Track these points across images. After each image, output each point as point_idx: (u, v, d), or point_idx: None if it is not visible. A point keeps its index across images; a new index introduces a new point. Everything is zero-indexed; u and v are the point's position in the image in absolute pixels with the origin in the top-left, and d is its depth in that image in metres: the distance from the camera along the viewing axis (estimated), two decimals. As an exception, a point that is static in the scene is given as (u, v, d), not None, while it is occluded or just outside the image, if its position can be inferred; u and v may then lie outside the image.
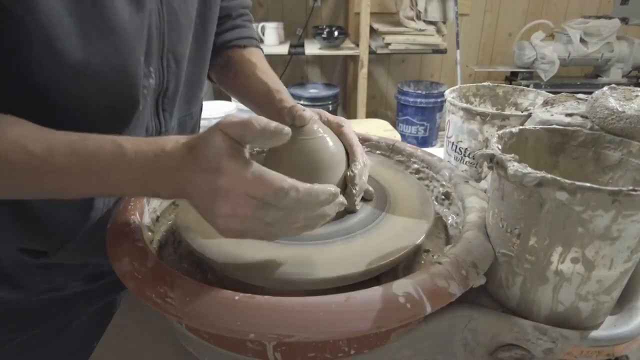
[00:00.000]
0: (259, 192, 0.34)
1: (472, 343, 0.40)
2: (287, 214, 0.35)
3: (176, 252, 0.47)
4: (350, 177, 0.47)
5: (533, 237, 0.35)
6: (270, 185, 0.34)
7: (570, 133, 0.43)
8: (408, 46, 2.39)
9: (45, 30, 0.37)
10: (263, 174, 0.34)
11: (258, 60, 0.68)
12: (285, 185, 0.34)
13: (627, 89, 0.43)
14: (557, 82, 2.49)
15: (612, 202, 0.31)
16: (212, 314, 0.32)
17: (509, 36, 2.84)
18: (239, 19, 0.71)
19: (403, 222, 0.46)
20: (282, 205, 0.34)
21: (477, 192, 0.49)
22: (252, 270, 0.39)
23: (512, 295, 0.39)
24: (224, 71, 0.70)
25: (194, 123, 0.66)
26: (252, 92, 0.66)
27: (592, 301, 0.36)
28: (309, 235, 0.43)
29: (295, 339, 0.31)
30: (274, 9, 2.63)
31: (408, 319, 0.33)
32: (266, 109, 0.64)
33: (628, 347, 0.37)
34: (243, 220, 0.35)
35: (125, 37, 0.42)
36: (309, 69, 2.85)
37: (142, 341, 0.46)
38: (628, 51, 2.41)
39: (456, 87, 0.65)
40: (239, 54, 0.69)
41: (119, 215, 0.44)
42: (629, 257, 0.34)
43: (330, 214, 0.38)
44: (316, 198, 0.35)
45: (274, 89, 0.63)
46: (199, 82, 0.62)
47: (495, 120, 0.54)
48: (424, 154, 0.61)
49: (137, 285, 0.35)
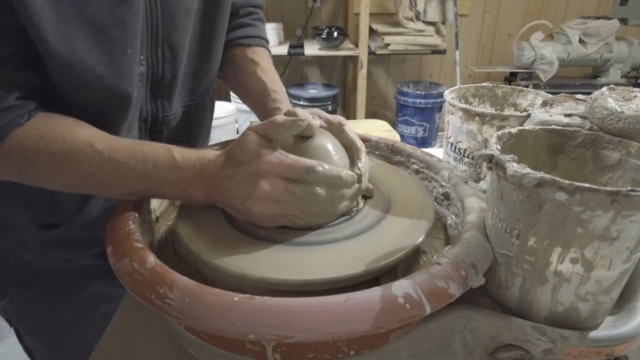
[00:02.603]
0: (292, 172, 0.41)
1: (471, 343, 0.40)
2: (312, 187, 0.41)
3: (175, 253, 0.47)
4: (358, 175, 0.47)
5: (532, 237, 0.35)
6: (301, 165, 0.41)
7: (569, 133, 0.43)
8: (407, 47, 2.39)
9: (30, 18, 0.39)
10: (295, 158, 0.42)
11: (261, 60, 0.68)
12: (313, 163, 0.41)
13: (626, 90, 0.43)
14: (556, 83, 2.49)
15: (611, 202, 0.31)
16: (211, 314, 0.32)
17: (508, 37, 2.85)
18: (247, 17, 0.71)
19: (402, 222, 0.46)
20: (311, 179, 0.41)
21: (476, 193, 0.49)
22: (252, 271, 0.39)
23: (512, 295, 0.39)
24: (226, 68, 0.70)
25: (202, 111, 0.67)
26: (249, 90, 0.67)
27: (591, 301, 0.36)
28: (309, 236, 0.44)
29: (294, 339, 0.31)
30: (273, 10, 2.63)
31: (407, 320, 0.33)
32: (259, 108, 0.65)
33: (627, 347, 0.37)
34: (278, 200, 0.41)
35: (102, 29, 0.44)
36: (308, 70, 2.85)
37: (141, 342, 0.46)
38: (627, 52, 2.42)
39: (455, 87, 0.65)
40: (243, 52, 0.69)
41: (118, 215, 0.44)
42: (628, 258, 0.34)
43: (350, 193, 0.44)
44: (338, 174, 0.42)
45: (271, 88, 0.64)
46: (206, 74, 0.63)
47: (495, 121, 0.54)
48: (423, 154, 0.61)
49: (137, 285, 0.35)
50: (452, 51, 2.46)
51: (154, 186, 0.44)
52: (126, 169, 0.43)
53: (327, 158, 0.46)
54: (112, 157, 0.42)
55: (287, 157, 0.42)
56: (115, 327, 0.49)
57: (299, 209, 0.42)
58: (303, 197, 0.42)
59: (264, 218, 0.42)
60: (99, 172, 0.43)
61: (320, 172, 0.41)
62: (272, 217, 0.42)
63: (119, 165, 0.43)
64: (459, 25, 2.47)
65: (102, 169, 0.42)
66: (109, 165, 0.42)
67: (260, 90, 0.64)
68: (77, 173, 0.43)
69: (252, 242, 0.42)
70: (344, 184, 0.43)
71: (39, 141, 0.42)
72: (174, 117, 0.60)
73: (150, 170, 0.43)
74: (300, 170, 0.41)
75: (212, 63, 0.63)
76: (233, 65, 0.69)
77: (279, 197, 0.41)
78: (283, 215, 0.42)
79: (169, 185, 0.44)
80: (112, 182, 0.44)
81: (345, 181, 0.43)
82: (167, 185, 0.44)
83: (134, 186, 0.44)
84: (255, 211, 0.42)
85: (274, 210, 0.42)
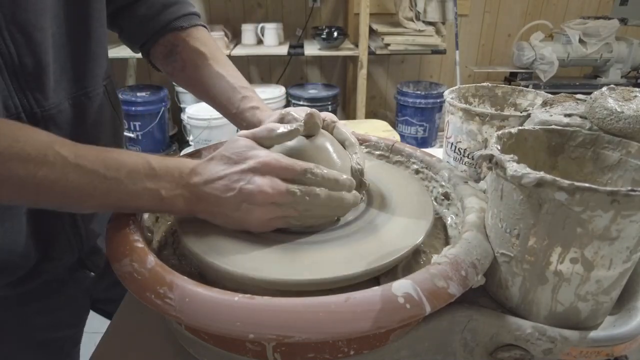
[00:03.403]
0: (290, 174, 0.40)
1: (471, 343, 0.40)
2: (312, 189, 0.41)
3: (175, 253, 0.47)
4: (358, 169, 0.47)
5: (532, 237, 0.35)
6: (300, 166, 0.41)
7: (569, 133, 0.43)
8: (407, 47, 2.39)
9: None
10: (291, 160, 0.41)
11: (208, 47, 0.61)
12: (311, 165, 0.41)
13: (626, 90, 0.43)
14: (556, 83, 2.49)
15: (611, 202, 0.31)
16: (211, 314, 0.32)
17: (508, 37, 2.85)
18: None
19: (402, 222, 0.46)
20: (310, 181, 0.41)
21: (476, 193, 0.49)
22: (253, 271, 0.39)
23: (512, 295, 0.39)
24: (169, 61, 0.63)
25: (97, 102, 0.57)
26: (209, 87, 0.60)
27: (591, 301, 0.36)
28: (309, 236, 0.44)
29: (294, 339, 0.31)
30: (273, 10, 2.63)
31: (408, 320, 0.33)
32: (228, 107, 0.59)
33: (627, 347, 0.37)
34: (278, 202, 0.40)
35: None
36: (308, 70, 2.85)
37: (141, 342, 0.46)
38: (627, 52, 2.42)
39: (455, 87, 0.65)
40: (182, 39, 0.61)
41: (118, 216, 0.44)
42: (628, 258, 0.34)
43: (349, 199, 0.44)
44: (335, 177, 0.42)
45: (237, 85, 0.59)
46: (92, 58, 0.55)
47: (495, 121, 0.54)
48: (423, 154, 0.61)
49: (137, 286, 0.35)
50: (452, 51, 2.46)
51: (127, 196, 0.39)
52: (96, 177, 0.38)
53: (328, 158, 0.46)
54: (79, 164, 0.37)
55: (284, 158, 0.41)
56: (115, 327, 0.49)
57: (298, 210, 0.42)
58: (302, 198, 0.41)
59: (260, 222, 0.41)
60: (61, 180, 0.37)
61: (319, 174, 0.41)
62: (269, 220, 0.41)
63: (88, 173, 0.37)
64: (459, 25, 2.47)
65: (67, 176, 0.37)
66: (75, 172, 0.37)
67: (226, 87, 0.59)
68: (34, 179, 0.36)
69: (252, 243, 0.42)
70: (341, 187, 0.43)
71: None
72: (59, 111, 0.50)
73: (124, 178, 0.38)
74: (299, 171, 0.41)
75: (95, 45, 0.54)
76: (177, 58, 0.62)
77: (279, 199, 0.40)
78: (281, 218, 0.42)
79: (145, 194, 0.40)
80: (78, 191, 0.38)
81: (343, 184, 0.43)
82: (143, 195, 0.40)
83: (104, 198, 0.39)
84: (255, 215, 0.40)
85: (273, 213, 0.41)
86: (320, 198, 0.42)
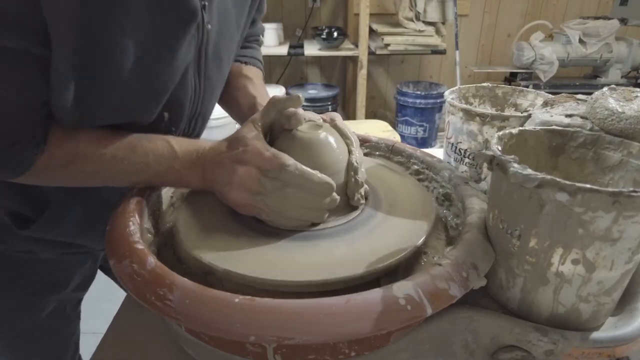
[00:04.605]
0: (268, 166, 0.42)
1: (472, 345, 0.40)
2: (283, 186, 0.43)
3: (175, 254, 0.47)
4: (355, 168, 0.47)
5: (533, 238, 0.35)
6: (277, 161, 0.42)
7: (570, 134, 0.43)
8: (407, 47, 2.39)
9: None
10: (275, 153, 0.43)
11: (254, 77, 0.70)
12: (289, 162, 0.42)
13: (627, 90, 0.43)
14: (556, 83, 2.49)
15: (613, 203, 0.30)
16: (211, 316, 0.32)
17: (508, 37, 2.85)
18: (247, 40, 0.72)
19: (403, 223, 0.46)
20: (282, 177, 0.42)
21: (477, 193, 0.49)
22: (252, 273, 0.39)
23: (513, 296, 0.39)
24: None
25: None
26: (239, 104, 0.67)
27: (592, 302, 0.36)
28: (308, 237, 0.44)
29: (295, 341, 0.30)
30: (273, 10, 2.63)
31: (408, 321, 0.33)
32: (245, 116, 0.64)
33: (629, 348, 0.37)
34: (250, 190, 0.43)
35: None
36: (308, 70, 2.85)
37: (141, 344, 0.46)
38: (627, 52, 2.41)
39: (455, 87, 0.65)
40: (238, 68, 0.70)
41: (118, 217, 0.44)
42: (629, 259, 0.34)
43: (324, 204, 0.44)
44: (310, 178, 0.42)
45: (260, 103, 0.64)
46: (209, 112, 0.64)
47: (495, 121, 0.54)
48: (423, 155, 0.61)
49: (137, 287, 0.35)
50: (452, 51, 2.46)
51: (154, 176, 0.47)
52: (127, 164, 0.46)
53: (329, 152, 0.46)
54: (114, 155, 0.45)
55: (267, 150, 0.43)
56: (116, 327, 0.49)
57: (267, 204, 0.43)
58: (272, 193, 0.43)
59: (236, 204, 0.45)
60: (100, 170, 0.46)
61: (293, 172, 0.42)
62: (244, 205, 0.44)
63: (120, 162, 0.45)
64: (458, 26, 2.46)
65: (104, 166, 0.45)
66: (111, 163, 0.45)
67: (250, 105, 0.64)
68: (82, 174, 0.46)
69: (252, 244, 0.42)
70: (317, 190, 0.43)
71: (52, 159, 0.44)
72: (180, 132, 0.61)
73: (152, 162, 0.46)
74: (275, 165, 0.42)
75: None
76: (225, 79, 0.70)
77: (251, 188, 0.43)
78: (253, 207, 0.44)
79: (169, 173, 0.47)
80: (114, 176, 0.47)
81: (320, 187, 0.43)
82: (167, 174, 0.47)
83: (134, 177, 0.47)
84: (230, 196, 0.44)
85: (246, 200, 0.44)
86: (290, 197, 0.43)
